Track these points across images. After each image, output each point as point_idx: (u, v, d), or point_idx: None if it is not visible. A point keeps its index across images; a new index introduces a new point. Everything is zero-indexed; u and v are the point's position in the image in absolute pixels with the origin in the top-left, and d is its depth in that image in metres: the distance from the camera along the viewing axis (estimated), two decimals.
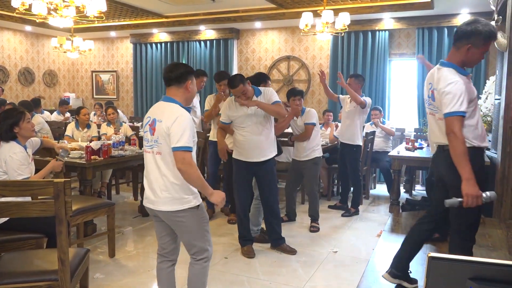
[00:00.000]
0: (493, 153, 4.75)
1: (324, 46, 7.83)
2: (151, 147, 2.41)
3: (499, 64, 5.02)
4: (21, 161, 2.96)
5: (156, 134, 2.38)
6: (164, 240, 2.55)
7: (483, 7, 5.97)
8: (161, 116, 2.37)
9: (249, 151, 3.66)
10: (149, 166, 2.43)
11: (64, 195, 2.13)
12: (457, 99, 2.34)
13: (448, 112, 2.37)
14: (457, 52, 2.49)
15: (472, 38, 2.40)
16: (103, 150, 4.23)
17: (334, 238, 4.32)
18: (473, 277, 1.11)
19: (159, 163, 2.37)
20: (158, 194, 2.38)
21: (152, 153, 2.40)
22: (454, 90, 2.36)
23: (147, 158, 2.45)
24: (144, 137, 2.47)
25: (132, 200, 5.75)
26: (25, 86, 9.45)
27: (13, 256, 2.47)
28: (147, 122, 2.46)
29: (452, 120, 2.35)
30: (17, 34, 9.21)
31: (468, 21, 2.47)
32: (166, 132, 2.32)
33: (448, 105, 2.36)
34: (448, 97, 2.37)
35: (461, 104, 2.34)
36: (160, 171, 2.37)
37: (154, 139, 2.38)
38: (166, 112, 2.38)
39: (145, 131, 2.47)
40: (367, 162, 5.86)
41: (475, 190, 2.27)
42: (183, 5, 7.14)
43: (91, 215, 3.57)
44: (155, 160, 2.39)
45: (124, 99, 10.02)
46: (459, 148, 2.33)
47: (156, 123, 2.38)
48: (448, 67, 2.49)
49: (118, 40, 9.85)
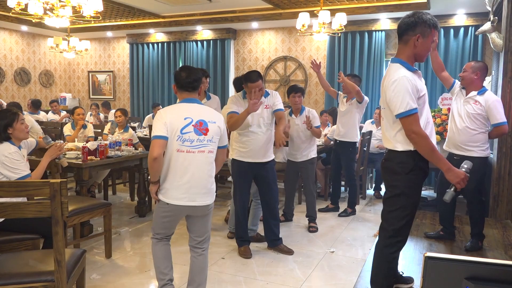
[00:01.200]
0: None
1: (320, 46, 7.84)
2: (200, 146, 2.56)
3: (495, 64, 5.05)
4: (19, 159, 2.94)
5: (210, 134, 2.58)
6: (173, 230, 2.79)
7: (479, 7, 6.00)
8: (211, 118, 2.61)
9: (254, 151, 3.66)
10: (195, 165, 2.56)
11: (60, 195, 2.12)
12: (405, 98, 2.24)
13: (399, 114, 2.27)
14: (405, 46, 2.37)
15: (418, 28, 2.31)
16: (100, 150, 4.22)
17: (331, 238, 4.32)
18: (470, 277, 1.12)
19: (211, 160, 2.62)
20: (202, 191, 2.60)
21: (203, 152, 2.57)
22: (398, 89, 2.26)
23: (190, 158, 2.55)
24: (183, 138, 2.53)
25: (128, 200, 5.73)
26: (21, 86, 9.42)
27: (9, 257, 2.46)
28: (188, 123, 2.53)
29: (406, 120, 2.26)
30: (13, 34, 9.17)
31: (408, 14, 2.37)
32: (221, 132, 2.65)
33: (397, 106, 2.27)
34: (396, 97, 2.27)
35: (409, 102, 2.24)
36: (209, 168, 2.62)
37: (208, 138, 2.58)
38: (213, 114, 2.65)
39: (185, 132, 2.53)
40: (364, 162, 5.87)
41: (459, 174, 2.31)
42: (179, 5, 7.13)
43: (88, 215, 3.55)
44: (206, 158, 2.59)
45: (120, 99, 9.99)
46: (427, 146, 2.27)
47: (208, 124, 2.58)
48: (395, 63, 2.39)
49: (115, 40, 9.83)
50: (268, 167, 3.75)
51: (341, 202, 5.43)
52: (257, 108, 3.41)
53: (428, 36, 2.33)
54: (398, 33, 2.41)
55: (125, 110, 5.80)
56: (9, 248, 2.81)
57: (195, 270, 2.75)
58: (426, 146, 2.28)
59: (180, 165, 2.54)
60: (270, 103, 3.68)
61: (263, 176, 3.75)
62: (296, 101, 4.47)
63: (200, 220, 2.71)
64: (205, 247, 2.77)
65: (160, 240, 2.76)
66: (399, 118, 2.29)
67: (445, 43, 6.81)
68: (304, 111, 4.56)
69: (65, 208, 2.15)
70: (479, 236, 3.59)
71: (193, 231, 2.75)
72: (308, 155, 4.56)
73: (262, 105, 3.60)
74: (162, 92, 9.13)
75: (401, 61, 2.37)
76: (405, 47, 2.38)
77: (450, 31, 6.77)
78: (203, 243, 2.76)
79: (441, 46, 6.82)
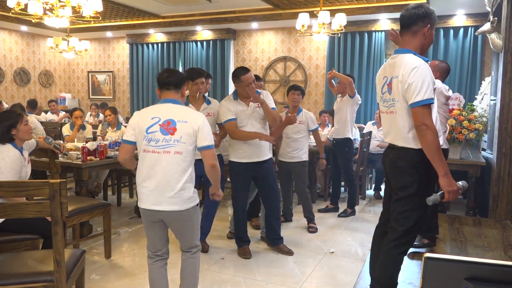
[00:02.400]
0: (488, 153, 4.78)
1: (320, 46, 7.85)
2: (164, 146, 2.39)
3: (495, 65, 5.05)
4: (12, 164, 2.89)
5: (178, 133, 2.39)
6: (161, 241, 2.60)
7: (479, 8, 6.01)
8: (183, 117, 2.43)
9: (250, 150, 3.64)
10: (160, 167, 2.40)
11: (60, 195, 2.12)
12: (426, 86, 2.16)
13: (415, 102, 2.16)
14: (414, 37, 2.32)
15: (427, 19, 2.30)
16: (99, 150, 4.22)
17: (330, 239, 4.32)
18: (469, 277, 1.12)
19: (179, 162, 2.40)
20: (171, 194, 2.40)
21: (168, 153, 2.38)
22: (419, 75, 2.17)
23: (155, 158, 2.41)
24: (148, 137, 2.42)
25: (128, 200, 5.73)
26: (20, 86, 9.41)
27: (9, 257, 2.46)
28: (155, 122, 2.42)
29: (421, 111, 2.16)
30: (13, 34, 9.17)
31: (414, 5, 2.34)
32: (194, 132, 2.42)
33: (416, 93, 2.16)
34: (414, 85, 2.16)
35: (430, 91, 2.16)
36: (177, 170, 2.40)
37: (175, 138, 2.39)
38: (187, 114, 2.47)
39: (153, 131, 2.41)
40: (363, 162, 5.87)
41: (453, 184, 2.21)
42: (179, 5, 7.13)
43: (87, 216, 3.55)
44: (172, 159, 2.39)
45: (120, 99, 9.99)
46: (434, 142, 2.15)
47: (177, 123, 2.40)
48: (406, 53, 2.30)
49: (115, 41, 9.83)
50: (266, 166, 3.73)
51: (340, 202, 5.43)
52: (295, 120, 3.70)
53: (433, 27, 2.35)
54: (405, 23, 2.35)
55: (115, 109, 5.76)
56: (9, 248, 2.81)
57: (184, 273, 2.64)
58: (433, 142, 2.17)
59: (146, 166, 2.43)
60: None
61: (262, 176, 3.74)
62: (295, 98, 4.44)
63: (177, 227, 2.53)
64: (194, 251, 2.63)
65: (153, 258, 2.60)
66: (413, 107, 2.18)
67: (444, 43, 6.82)
68: (301, 112, 4.53)
69: (64, 208, 2.15)
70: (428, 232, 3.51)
71: (176, 237, 2.63)
72: (300, 156, 4.52)
73: (253, 105, 3.60)
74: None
75: (412, 51, 2.31)
76: (413, 38, 2.33)
77: (450, 32, 6.77)
78: (189, 249, 2.62)
79: (441, 46, 6.82)
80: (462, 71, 6.75)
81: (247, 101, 3.61)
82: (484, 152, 4.98)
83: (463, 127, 4.22)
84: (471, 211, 4.55)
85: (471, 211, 4.55)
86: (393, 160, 2.42)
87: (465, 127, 4.21)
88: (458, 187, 2.23)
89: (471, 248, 3.59)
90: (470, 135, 4.23)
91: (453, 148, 4.38)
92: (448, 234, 3.83)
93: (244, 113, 3.60)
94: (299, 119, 4.46)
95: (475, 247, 3.59)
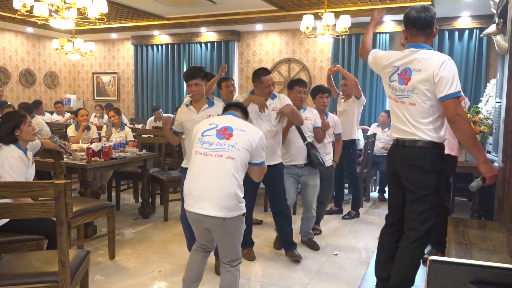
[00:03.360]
0: (494, 156, 4.75)
1: (325, 48, 7.84)
2: (218, 150, 2.37)
3: (500, 67, 5.02)
4: (16, 165, 2.91)
5: (234, 139, 2.39)
6: (207, 239, 2.59)
7: (484, 9, 5.98)
8: (241, 126, 2.48)
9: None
10: (210, 170, 2.36)
11: (65, 196, 2.13)
12: (457, 79, 2.28)
13: (448, 94, 2.26)
14: (428, 39, 2.48)
15: (435, 22, 2.47)
16: (104, 151, 4.23)
17: (334, 241, 4.31)
18: (474, 281, 1.11)
19: (229, 167, 2.35)
20: (217, 200, 2.32)
21: (220, 157, 2.36)
22: (450, 69, 2.29)
23: (207, 161, 2.38)
24: (203, 140, 2.45)
25: (132, 202, 5.74)
26: (26, 87, 9.47)
27: (14, 257, 2.47)
28: (213, 127, 2.48)
29: (453, 102, 2.26)
30: (19, 35, 9.23)
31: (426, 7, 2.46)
32: (251, 144, 2.42)
33: (448, 86, 2.26)
34: (446, 78, 2.27)
35: (459, 84, 2.29)
36: (226, 176, 2.34)
37: (230, 144, 2.38)
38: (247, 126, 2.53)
39: (208, 134, 2.46)
40: (367, 164, 5.85)
41: (493, 169, 2.31)
42: (184, 7, 7.15)
43: (92, 216, 3.56)
44: (224, 164, 2.35)
45: (125, 100, 10.03)
46: (470, 130, 2.29)
47: (235, 130, 2.44)
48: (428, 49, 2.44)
49: (119, 42, 9.87)
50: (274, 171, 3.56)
51: (344, 204, 5.41)
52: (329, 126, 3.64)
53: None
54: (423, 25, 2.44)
55: (118, 109, 5.81)
56: (14, 249, 2.82)
57: (221, 285, 2.55)
58: (469, 131, 2.28)
59: (196, 168, 2.40)
60: (277, 106, 3.56)
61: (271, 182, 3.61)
62: (325, 102, 4.14)
63: (218, 234, 2.44)
64: (234, 265, 2.50)
65: (197, 246, 2.65)
66: (446, 99, 2.27)
67: (449, 45, 6.80)
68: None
69: (69, 209, 2.15)
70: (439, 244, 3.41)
71: (217, 245, 2.56)
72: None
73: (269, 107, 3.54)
74: (166, 94, 9.16)
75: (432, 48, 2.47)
76: (427, 39, 2.47)
77: (455, 34, 6.75)
78: (229, 261, 2.50)
79: (446, 48, 6.80)
80: (467, 73, 6.73)
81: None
82: (489, 154, 4.95)
83: None
84: (476, 213, 4.53)
85: (476, 214, 4.52)
86: (408, 159, 2.44)
87: None
88: (497, 170, 2.33)
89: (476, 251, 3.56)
90: None
91: (459, 150, 4.35)
92: (453, 237, 3.80)
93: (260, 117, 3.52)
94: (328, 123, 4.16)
95: (480, 250, 3.56)
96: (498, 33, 4.35)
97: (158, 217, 4.95)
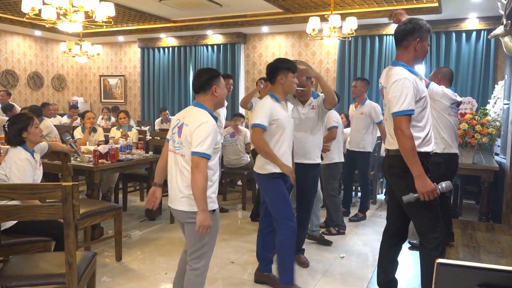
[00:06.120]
0: (502, 158, 4.71)
1: (331, 50, 7.83)
2: (177, 148, 2.48)
3: (508, 68, 4.99)
4: (24, 167, 2.92)
5: (182, 136, 2.45)
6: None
7: (491, 11, 5.95)
8: (188, 120, 2.46)
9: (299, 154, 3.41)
10: (173, 166, 2.51)
11: (72, 198, 2.14)
12: (403, 98, 2.36)
13: (395, 112, 2.38)
14: (406, 51, 2.51)
15: (417, 33, 2.47)
16: (111, 154, 4.25)
17: (341, 244, 4.29)
18: (482, 284, 1.11)
19: (183, 164, 2.44)
20: (176, 194, 2.47)
21: (177, 154, 2.47)
22: (399, 88, 2.38)
23: (171, 158, 2.53)
24: (172, 138, 2.53)
25: (139, 203, 5.76)
26: (34, 90, 9.55)
27: (21, 259, 2.49)
28: (176, 124, 2.52)
29: (398, 119, 2.38)
30: (27, 38, 9.31)
31: (404, 21, 2.54)
32: (190, 136, 2.39)
33: (395, 104, 2.38)
34: (394, 96, 2.38)
35: (408, 103, 2.35)
36: (181, 172, 2.45)
37: (181, 141, 2.46)
38: (193, 116, 2.46)
39: (173, 132, 2.53)
40: (374, 167, 5.83)
41: (427, 185, 2.34)
42: (190, 10, 7.18)
43: (99, 218, 3.58)
44: (179, 161, 2.46)
45: (131, 103, 10.08)
46: (408, 144, 2.35)
47: (184, 126, 2.46)
48: (397, 66, 2.50)
49: (126, 45, 9.93)
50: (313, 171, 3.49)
51: (351, 206, 5.40)
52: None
53: (425, 39, 2.50)
54: (397, 39, 2.55)
55: (128, 112, 6.09)
56: (21, 250, 2.84)
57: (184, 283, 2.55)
58: (407, 145, 2.35)
59: (168, 165, 2.56)
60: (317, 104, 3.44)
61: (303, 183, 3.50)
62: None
63: (185, 227, 2.51)
64: (192, 264, 2.46)
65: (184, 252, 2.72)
66: (393, 116, 2.39)
67: (457, 47, 6.76)
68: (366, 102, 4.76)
69: (76, 211, 2.17)
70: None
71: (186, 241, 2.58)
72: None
73: (309, 105, 3.42)
74: (173, 96, 9.19)
75: (403, 64, 2.50)
76: (405, 52, 2.52)
77: (462, 35, 6.71)
78: (191, 258, 2.47)
79: (453, 50, 6.77)
80: (475, 74, 6.68)
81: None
82: (497, 156, 4.92)
83: (475, 131, 4.18)
84: (484, 216, 4.49)
85: (484, 217, 4.49)
86: (387, 167, 2.63)
87: (477, 131, 4.17)
88: (433, 187, 2.35)
89: (484, 254, 3.54)
90: (483, 140, 4.18)
91: (466, 153, 4.33)
92: (461, 240, 3.77)
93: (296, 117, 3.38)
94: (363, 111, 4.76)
95: (488, 253, 3.54)
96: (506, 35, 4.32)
97: (164, 219, 4.96)
